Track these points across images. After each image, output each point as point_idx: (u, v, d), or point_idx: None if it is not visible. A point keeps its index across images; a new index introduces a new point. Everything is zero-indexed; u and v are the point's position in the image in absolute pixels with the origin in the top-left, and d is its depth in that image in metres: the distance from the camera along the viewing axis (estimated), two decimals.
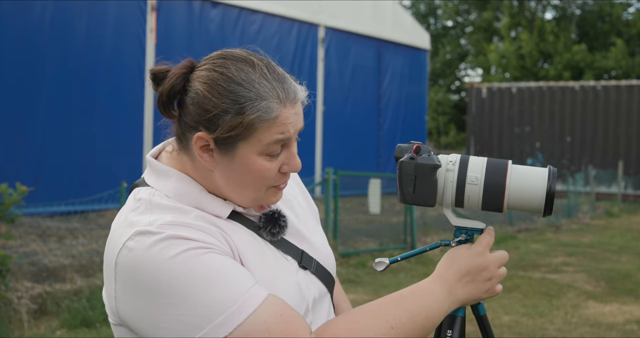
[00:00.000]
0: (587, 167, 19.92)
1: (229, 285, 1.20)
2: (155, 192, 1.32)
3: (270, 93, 1.28)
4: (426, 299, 1.32)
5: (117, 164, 11.10)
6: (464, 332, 1.45)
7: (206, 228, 1.27)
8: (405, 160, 1.40)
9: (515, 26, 33.92)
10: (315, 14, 15.55)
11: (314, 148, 15.43)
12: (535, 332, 5.73)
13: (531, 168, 1.41)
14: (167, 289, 1.18)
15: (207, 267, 1.20)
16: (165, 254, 1.19)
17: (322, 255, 1.47)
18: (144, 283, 1.20)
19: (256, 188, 1.33)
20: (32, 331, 5.17)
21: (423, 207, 1.40)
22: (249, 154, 1.30)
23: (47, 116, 10.52)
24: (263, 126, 1.27)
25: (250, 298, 1.20)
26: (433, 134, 36.18)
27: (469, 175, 1.40)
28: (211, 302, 1.18)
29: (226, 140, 1.28)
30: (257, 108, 1.27)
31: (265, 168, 1.31)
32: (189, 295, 1.18)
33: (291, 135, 1.31)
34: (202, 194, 1.33)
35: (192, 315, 1.18)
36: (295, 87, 1.33)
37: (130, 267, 1.21)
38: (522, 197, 1.39)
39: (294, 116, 1.31)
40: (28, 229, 8.15)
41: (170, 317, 1.19)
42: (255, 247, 1.34)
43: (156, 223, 1.23)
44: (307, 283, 1.39)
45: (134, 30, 11.71)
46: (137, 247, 1.21)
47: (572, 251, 10.20)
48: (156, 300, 1.19)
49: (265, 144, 1.29)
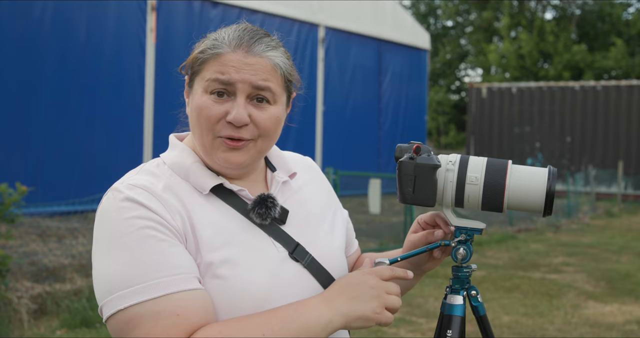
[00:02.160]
0: (587, 167, 19.92)
1: (151, 264, 1.26)
2: (156, 160, 1.45)
3: (224, 38, 1.40)
4: (302, 310, 1.30)
5: (117, 164, 11.08)
6: (463, 332, 1.45)
7: (165, 199, 1.33)
8: (405, 160, 1.40)
9: (515, 26, 33.92)
10: (315, 14, 15.54)
11: (314, 148, 15.42)
12: (535, 332, 5.73)
13: (531, 168, 1.41)
14: (108, 244, 1.29)
15: (142, 240, 1.27)
16: (117, 215, 1.29)
17: (323, 254, 1.46)
18: (99, 233, 1.32)
19: (202, 131, 1.38)
20: (32, 331, 5.17)
21: (423, 207, 1.39)
22: (198, 90, 1.39)
23: (47, 116, 10.51)
24: (209, 62, 1.38)
25: (162, 284, 1.25)
26: (433, 134, 36.18)
27: (468, 175, 1.40)
28: (126, 273, 1.25)
29: (191, 79, 1.43)
30: (206, 44, 1.41)
31: (205, 105, 1.37)
32: (115, 259, 1.27)
33: (232, 80, 1.36)
34: (194, 165, 1.41)
35: (109, 275, 1.27)
36: (261, 44, 1.40)
37: (97, 218, 1.35)
38: (522, 197, 1.39)
39: (241, 63, 1.37)
40: (28, 229, 8.14)
41: (100, 269, 1.29)
42: (227, 226, 1.36)
43: (126, 182, 1.34)
44: (292, 274, 1.39)
45: (134, 30, 11.71)
46: (104, 203, 1.34)
47: (572, 251, 10.19)
48: (99, 248, 1.31)
49: (207, 80, 1.37)
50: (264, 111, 1.39)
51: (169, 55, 11.81)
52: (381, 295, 1.33)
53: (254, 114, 1.38)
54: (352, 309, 1.31)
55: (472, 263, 1.49)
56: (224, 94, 1.37)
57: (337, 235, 1.56)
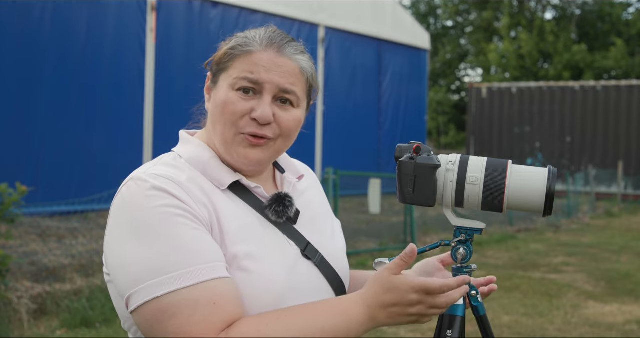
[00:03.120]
0: (587, 167, 19.92)
1: (184, 252, 1.24)
2: (170, 154, 1.44)
3: (257, 37, 1.41)
4: (343, 319, 1.29)
5: (117, 164, 11.08)
6: (464, 332, 1.45)
7: (191, 190, 1.32)
8: (405, 160, 1.40)
9: (515, 26, 33.92)
10: (315, 14, 15.55)
11: (314, 148, 15.42)
12: (535, 332, 5.73)
13: (531, 168, 1.41)
14: (137, 232, 1.26)
15: (175, 229, 1.26)
16: (145, 203, 1.27)
17: (331, 253, 1.48)
18: (123, 222, 1.29)
19: (225, 126, 1.38)
20: (32, 331, 5.17)
21: (423, 207, 1.39)
22: (224, 86, 1.40)
23: (47, 116, 10.51)
24: (238, 59, 1.39)
25: (195, 273, 1.23)
26: (433, 134, 36.18)
27: (468, 175, 1.40)
28: (160, 261, 1.23)
29: (215, 74, 1.43)
30: (237, 42, 1.41)
31: (230, 100, 1.38)
32: (147, 246, 1.25)
33: (261, 80, 1.37)
34: (211, 161, 1.41)
35: (140, 264, 1.24)
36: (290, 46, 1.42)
37: (119, 207, 1.32)
38: (522, 197, 1.39)
39: (271, 63, 1.38)
40: (28, 229, 8.14)
41: (125, 257, 1.26)
42: (244, 220, 1.37)
43: (149, 172, 1.33)
44: (305, 272, 1.40)
45: (134, 30, 11.70)
46: (126, 192, 1.32)
47: (572, 251, 10.19)
48: (124, 236, 1.27)
49: (235, 77, 1.38)
50: (287, 112, 1.41)
51: (169, 55, 11.81)
52: (424, 313, 1.32)
53: (278, 113, 1.40)
54: (392, 322, 1.33)
55: (472, 263, 1.49)
56: (250, 92, 1.38)
57: (338, 239, 1.59)
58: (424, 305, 1.31)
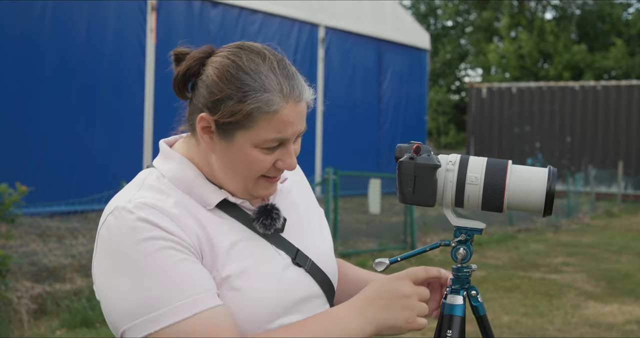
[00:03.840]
0: (587, 167, 19.92)
1: (174, 286, 1.23)
2: (153, 172, 1.39)
3: (274, 86, 1.31)
4: (331, 323, 1.29)
5: (117, 164, 11.09)
6: (463, 332, 1.45)
7: (180, 218, 1.30)
8: (405, 160, 1.40)
9: (515, 26, 33.93)
10: (315, 14, 15.55)
11: (314, 148, 15.42)
12: (535, 332, 5.73)
13: (531, 168, 1.41)
14: (122, 269, 1.25)
15: (162, 263, 1.24)
16: (131, 237, 1.25)
17: (321, 257, 1.47)
18: (111, 256, 1.27)
19: (247, 176, 1.35)
20: (32, 331, 5.17)
21: (423, 207, 1.39)
22: (245, 144, 1.32)
23: (47, 116, 10.52)
24: (262, 119, 1.30)
25: (187, 305, 1.22)
26: (433, 134, 36.18)
27: (468, 175, 1.40)
28: (150, 297, 1.22)
29: (226, 125, 1.31)
30: (258, 99, 1.30)
31: (259, 160, 1.33)
32: (136, 283, 1.23)
33: (289, 136, 1.33)
34: (196, 180, 1.37)
35: (131, 301, 1.23)
36: (303, 86, 1.35)
37: (106, 239, 1.29)
38: (522, 197, 1.39)
39: (296, 115, 1.33)
40: (28, 229, 8.15)
41: (118, 292, 1.25)
42: (235, 238, 1.35)
43: (135, 201, 1.29)
44: (297, 280, 1.39)
45: (134, 30, 11.71)
46: (112, 223, 1.28)
47: (572, 251, 10.19)
48: (112, 273, 1.26)
49: (262, 140, 1.31)
50: (297, 143, 1.40)
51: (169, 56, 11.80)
52: (414, 305, 1.32)
53: (294, 149, 1.40)
54: (384, 319, 1.30)
55: (472, 263, 1.49)
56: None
57: (325, 232, 1.57)
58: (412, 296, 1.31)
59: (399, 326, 1.31)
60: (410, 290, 1.32)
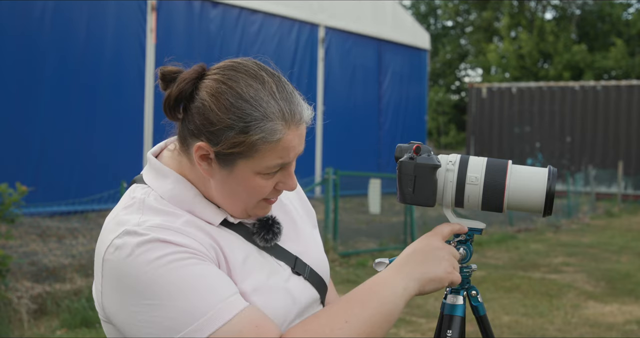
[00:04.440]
0: (587, 167, 19.92)
1: (208, 292, 1.21)
2: (150, 192, 1.33)
3: (276, 114, 1.27)
4: (375, 286, 1.31)
5: (117, 164, 11.10)
6: (463, 332, 1.45)
7: (193, 234, 1.27)
8: (405, 160, 1.39)
9: (515, 26, 33.93)
10: (315, 14, 15.55)
11: (314, 148, 15.43)
12: (535, 332, 5.73)
13: (531, 168, 1.41)
14: (147, 291, 1.20)
15: (188, 272, 1.21)
16: (148, 256, 1.20)
17: (316, 261, 1.47)
18: (127, 283, 1.21)
19: (248, 201, 1.34)
20: (32, 331, 5.17)
21: (423, 207, 1.40)
22: (247, 172, 1.30)
23: (47, 116, 10.52)
24: (265, 148, 1.27)
25: (228, 307, 1.21)
26: (433, 134, 36.18)
27: (468, 175, 1.40)
28: (188, 307, 1.19)
29: (227, 155, 1.28)
30: (261, 129, 1.26)
31: (260, 186, 1.32)
32: (167, 299, 1.19)
33: (290, 160, 1.32)
34: (196, 199, 1.34)
35: (169, 318, 1.19)
36: (302, 107, 1.32)
37: (116, 265, 1.23)
38: (522, 197, 1.39)
39: (297, 139, 1.31)
40: (28, 229, 8.15)
41: (149, 317, 1.20)
42: (244, 253, 1.34)
43: (145, 225, 1.24)
44: (300, 289, 1.39)
45: (134, 30, 11.71)
46: (122, 246, 1.22)
47: (572, 251, 10.19)
48: (136, 300, 1.21)
49: (265, 167, 1.29)
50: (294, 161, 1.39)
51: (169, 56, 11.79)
52: (449, 256, 1.37)
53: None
54: (425, 272, 1.33)
55: (472, 263, 1.49)
56: None
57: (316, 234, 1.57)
58: (444, 249, 1.37)
59: (439, 277, 1.33)
60: (443, 244, 1.38)
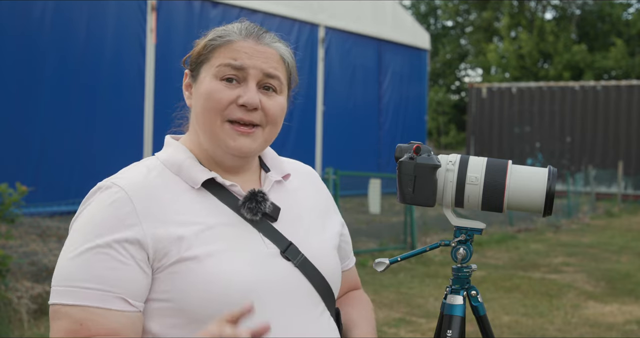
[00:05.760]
0: (587, 167, 19.91)
1: (95, 276, 1.30)
2: (149, 158, 1.49)
3: (234, 28, 1.45)
4: None
5: (117, 164, 10.96)
6: (463, 332, 1.45)
7: (143, 199, 1.35)
8: (405, 160, 1.40)
9: (515, 26, 33.92)
10: (315, 14, 15.54)
11: (314, 148, 15.42)
12: (535, 332, 5.73)
13: (531, 168, 1.41)
14: (72, 232, 1.39)
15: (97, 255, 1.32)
16: (89, 208, 1.40)
17: (316, 253, 1.45)
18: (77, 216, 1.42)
19: (211, 116, 1.40)
20: (32, 331, 5.17)
21: (423, 207, 1.39)
22: (206, 77, 1.41)
23: (47, 116, 10.51)
24: (219, 49, 1.42)
25: (86, 294, 1.30)
26: (433, 134, 36.17)
27: (468, 175, 1.40)
28: (70, 272, 1.33)
29: (195, 69, 1.45)
30: (215, 32, 1.45)
31: (215, 89, 1.39)
32: (70, 251, 1.35)
33: (245, 64, 1.39)
34: (186, 161, 1.43)
35: (60, 267, 1.36)
36: (270, 36, 1.46)
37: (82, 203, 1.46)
38: (522, 197, 1.39)
39: (253, 50, 1.41)
40: (28, 229, 8.14)
41: (61, 256, 1.39)
42: (214, 222, 1.37)
43: (110, 180, 1.42)
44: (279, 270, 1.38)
45: (134, 30, 11.70)
46: (91, 201, 1.43)
47: (572, 251, 10.19)
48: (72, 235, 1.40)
49: (218, 65, 1.40)
50: (271, 98, 1.43)
51: (169, 55, 11.80)
52: None
53: (263, 100, 1.41)
54: None
55: (472, 263, 1.49)
56: (234, 80, 1.40)
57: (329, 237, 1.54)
58: None
59: None
60: None
